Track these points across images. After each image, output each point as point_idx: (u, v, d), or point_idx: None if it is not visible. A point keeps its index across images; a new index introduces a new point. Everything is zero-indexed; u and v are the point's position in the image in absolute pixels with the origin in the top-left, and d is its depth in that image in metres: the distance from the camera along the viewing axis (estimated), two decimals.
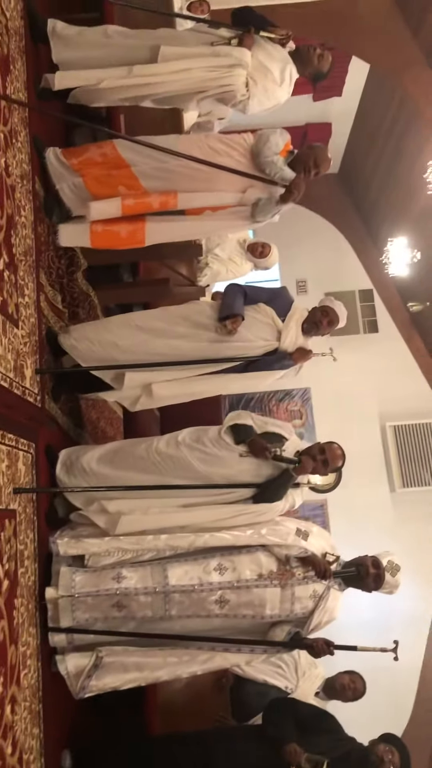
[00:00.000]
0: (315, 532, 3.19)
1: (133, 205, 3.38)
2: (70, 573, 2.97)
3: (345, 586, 3.15)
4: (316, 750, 2.84)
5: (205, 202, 3.45)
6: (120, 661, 2.95)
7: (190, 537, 3.05)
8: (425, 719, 8.08)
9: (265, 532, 3.08)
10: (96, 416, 4.30)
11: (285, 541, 3.06)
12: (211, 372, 3.43)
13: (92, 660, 2.91)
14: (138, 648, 3.00)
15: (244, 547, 3.08)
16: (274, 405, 8.64)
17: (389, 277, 8.48)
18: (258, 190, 3.39)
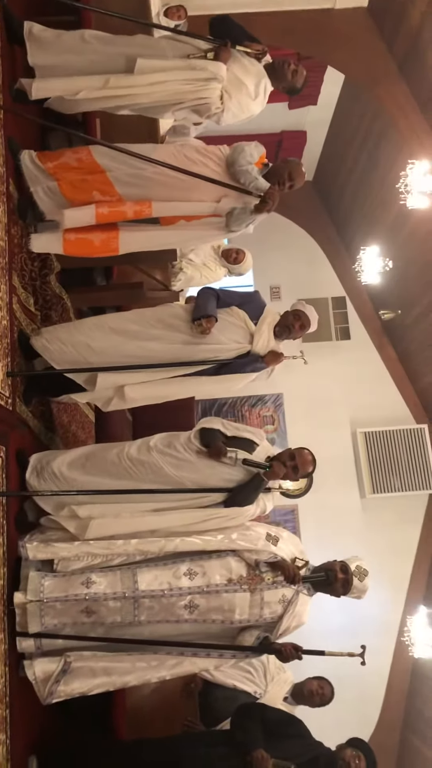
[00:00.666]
0: (285, 537, 3.21)
1: (108, 213, 3.38)
2: (38, 578, 2.95)
3: (314, 590, 3.17)
4: (283, 755, 2.86)
5: (179, 211, 3.47)
6: (88, 667, 2.93)
7: (160, 542, 3.05)
8: (392, 725, 8.15)
9: (235, 536, 3.09)
10: (67, 420, 4.28)
11: (255, 546, 3.07)
12: (184, 374, 3.44)
13: (60, 665, 2.88)
14: (107, 653, 2.99)
15: (215, 551, 3.09)
16: (247, 410, 8.67)
17: (362, 285, 8.57)
18: (232, 199, 3.42)
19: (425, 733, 7.74)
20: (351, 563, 3.16)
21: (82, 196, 3.36)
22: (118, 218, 3.44)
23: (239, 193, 3.40)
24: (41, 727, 3.06)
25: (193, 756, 2.94)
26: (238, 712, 3.16)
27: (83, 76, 3.38)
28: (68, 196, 3.36)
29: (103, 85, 3.36)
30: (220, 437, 3.18)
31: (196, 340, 3.36)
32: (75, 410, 4.46)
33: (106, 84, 3.36)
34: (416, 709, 8.07)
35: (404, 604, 8.24)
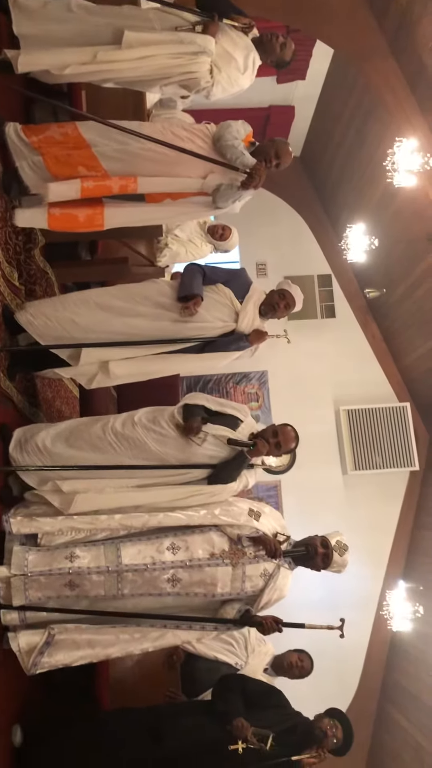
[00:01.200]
0: (267, 512, 3.25)
1: (93, 187, 3.35)
2: (22, 552, 2.97)
3: (295, 565, 3.22)
4: (263, 724, 2.92)
5: (165, 187, 3.44)
6: (72, 639, 2.96)
7: (144, 517, 3.08)
8: (369, 695, 8.34)
9: (218, 512, 3.12)
10: (52, 395, 4.27)
11: (237, 521, 3.11)
12: (168, 351, 3.45)
13: (44, 637, 2.92)
14: (90, 626, 3.02)
15: (198, 526, 3.13)
16: (232, 387, 8.70)
17: (347, 263, 8.57)
18: (219, 175, 3.40)
19: (402, 703, 7.93)
20: (331, 538, 3.21)
21: (68, 170, 3.33)
22: (103, 193, 3.41)
23: (225, 169, 3.38)
24: (25, 698, 3.11)
25: (174, 725, 3.00)
26: (219, 683, 3.22)
27: (69, 48, 3.32)
28: (53, 170, 3.33)
29: (91, 60, 3.31)
30: (201, 413, 3.19)
31: (181, 318, 3.36)
32: (59, 386, 4.46)
33: (94, 59, 3.31)
34: (393, 680, 8.26)
35: (383, 578, 8.38)
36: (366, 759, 8.43)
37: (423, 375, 8.35)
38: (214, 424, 3.19)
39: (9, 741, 2.87)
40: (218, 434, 3.17)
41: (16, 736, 2.91)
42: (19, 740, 2.91)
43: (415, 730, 7.47)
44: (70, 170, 3.33)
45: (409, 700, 7.77)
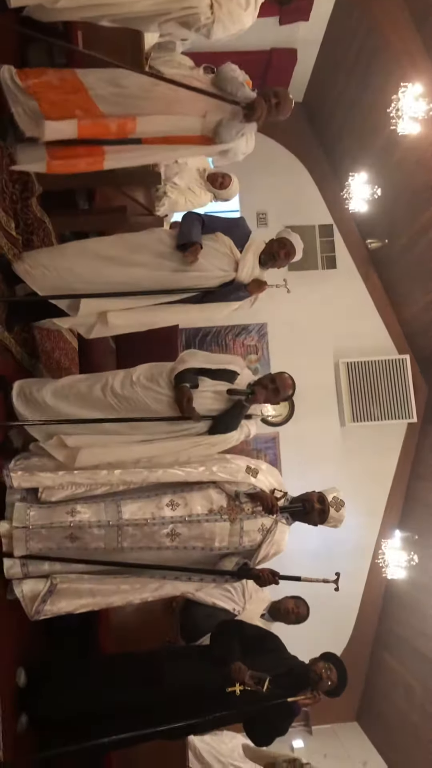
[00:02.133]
0: (264, 469, 3.27)
1: (90, 125, 3.25)
2: (24, 508, 3.00)
3: (292, 520, 3.26)
4: (259, 668, 3.01)
5: (165, 125, 3.35)
6: (74, 588, 3.02)
7: (143, 473, 3.10)
8: (364, 640, 8.57)
9: (216, 469, 3.15)
10: (51, 347, 4.26)
11: (235, 478, 3.14)
12: (167, 302, 3.42)
13: (47, 586, 2.97)
14: (92, 576, 3.07)
15: (196, 483, 3.15)
16: (231, 340, 8.67)
17: (349, 212, 8.44)
18: (219, 111, 3.32)
19: (395, 649, 8.16)
20: (328, 494, 3.24)
21: (64, 114, 3.24)
22: (101, 132, 3.30)
23: (225, 103, 3.30)
24: (29, 643, 3.18)
25: (174, 669, 3.08)
26: (218, 629, 3.30)
27: None
28: (49, 116, 3.24)
29: None
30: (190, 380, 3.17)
31: (181, 267, 3.33)
32: (58, 337, 4.44)
33: None
34: (387, 627, 8.48)
35: (379, 528, 8.52)
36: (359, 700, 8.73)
37: (423, 327, 8.32)
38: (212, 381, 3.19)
39: (13, 682, 2.95)
40: (217, 389, 3.18)
41: (20, 677, 3.00)
42: (23, 682, 3.00)
43: (406, 673, 7.71)
44: (66, 114, 3.24)
45: (401, 644, 8.00)
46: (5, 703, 2.81)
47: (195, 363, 3.24)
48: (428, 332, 8.25)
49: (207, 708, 2.99)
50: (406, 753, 7.33)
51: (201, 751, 4.16)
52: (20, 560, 2.98)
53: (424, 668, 7.23)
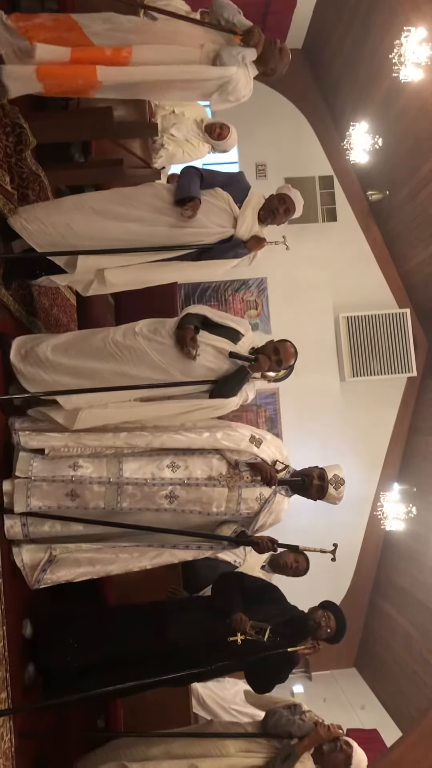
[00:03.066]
0: (268, 439, 3.28)
1: (83, 51, 3.16)
2: (28, 458, 3.03)
3: (291, 492, 3.29)
4: (260, 618, 3.07)
5: (162, 54, 3.26)
6: (73, 557, 3.06)
7: (147, 437, 3.11)
8: (362, 589, 8.75)
9: (220, 436, 3.16)
10: (48, 303, 4.23)
11: (238, 447, 3.15)
12: (165, 259, 3.38)
13: (46, 556, 3.02)
14: (91, 545, 3.11)
15: (199, 449, 3.17)
16: (230, 295, 8.62)
17: (350, 163, 8.30)
18: (216, 42, 3.28)
19: (393, 597, 8.34)
20: (330, 471, 3.26)
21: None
22: (94, 56, 3.21)
23: (223, 32, 3.28)
24: (34, 596, 3.24)
25: (177, 619, 3.15)
26: (219, 580, 3.36)
27: None
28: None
29: None
30: (194, 322, 3.17)
31: (179, 222, 3.28)
32: (56, 294, 4.41)
33: None
34: (385, 576, 8.65)
35: (378, 481, 8.61)
36: (358, 647, 8.96)
37: (424, 280, 8.26)
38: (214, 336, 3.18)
39: (20, 633, 3.02)
40: (219, 346, 3.16)
41: (26, 629, 3.06)
42: (29, 632, 3.07)
43: (404, 621, 7.89)
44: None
45: (399, 593, 8.17)
46: (12, 654, 2.88)
47: (200, 311, 3.23)
48: (429, 285, 8.19)
49: (209, 657, 3.07)
50: (403, 697, 7.56)
51: (204, 697, 4.29)
52: (20, 519, 3.01)
53: (422, 616, 7.41)
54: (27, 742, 2.95)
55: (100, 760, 3.08)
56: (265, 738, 3.13)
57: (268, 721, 3.19)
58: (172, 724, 3.38)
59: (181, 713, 3.85)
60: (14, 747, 2.81)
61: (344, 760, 3.09)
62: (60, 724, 3.42)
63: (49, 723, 3.28)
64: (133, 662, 3.06)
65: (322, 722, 3.14)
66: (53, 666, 3.08)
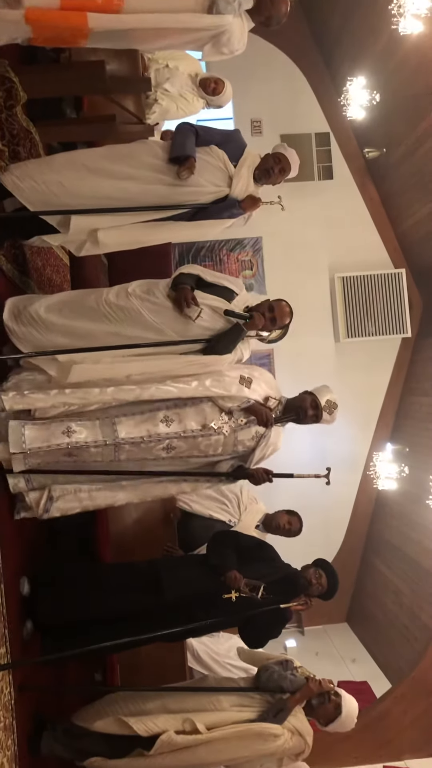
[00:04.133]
0: (257, 376, 3.28)
1: None
2: (19, 428, 2.99)
3: (286, 422, 3.31)
4: (254, 575, 3.13)
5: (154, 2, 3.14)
6: (73, 495, 3.12)
7: (135, 390, 3.09)
8: (354, 546, 8.90)
9: (209, 383, 3.14)
10: (41, 263, 4.19)
11: (229, 392, 3.15)
12: (159, 219, 3.34)
13: (45, 495, 3.06)
14: (90, 486, 3.15)
15: (189, 399, 3.16)
16: (225, 255, 8.54)
17: (347, 120, 8.15)
18: None
19: (384, 554, 8.48)
20: (321, 397, 3.26)
21: None
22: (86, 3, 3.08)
23: None
24: (31, 554, 3.29)
25: (172, 577, 3.20)
26: (214, 539, 3.40)
27: None
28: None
29: None
30: (190, 283, 3.14)
31: (174, 181, 3.22)
32: (49, 254, 4.36)
33: None
34: (377, 534, 8.78)
35: (371, 441, 8.68)
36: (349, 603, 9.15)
37: (420, 240, 8.20)
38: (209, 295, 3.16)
39: (18, 591, 3.07)
40: (213, 305, 3.15)
41: (24, 586, 3.11)
42: (26, 590, 3.12)
43: (395, 577, 8.05)
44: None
45: (390, 550, 8.31)
46: (11, 611, 2.93)
47: (193, 271, 3.21)
48: (425, 245, 8.13)
49: (204, 613, 3.13)
50: (393, 650, 7.75)
51: (199, 652, 4.38)
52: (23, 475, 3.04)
53: (412, 572, 7.55)
54: (26, 696, 3.02)
55: (98, 714, 3.15)
56: (258, 693, 3.21)
57: (260, 677, 3.27)
58: (167, 679, 3.46)
59: (177, 668, 3.95)
60: (14, 700, 2.88)
61: (334, 710, 3.18)
62: (58, 678, 3.51)
63: (48, 677, 3.36)
64: (130, 618, 3.11)
65: (314, 677, 3.22)
66: (51, 622, 3.14)
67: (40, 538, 3.32)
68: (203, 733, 3.01)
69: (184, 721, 3.05)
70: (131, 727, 3.01)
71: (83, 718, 3.17)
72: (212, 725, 3.06)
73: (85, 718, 3.16)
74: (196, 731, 3.02)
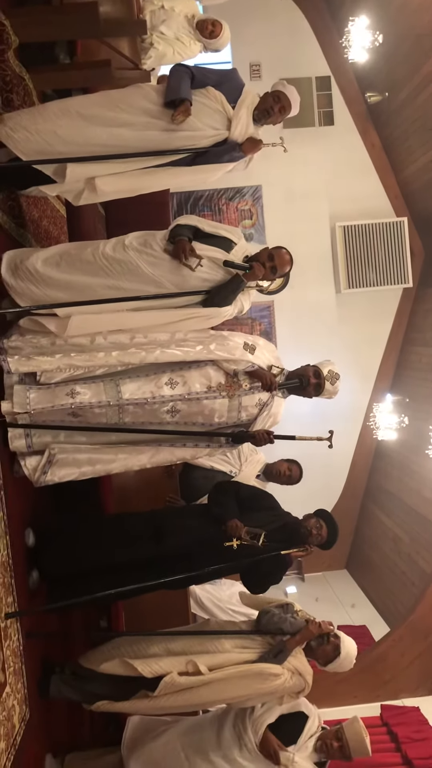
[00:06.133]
0: (261, 345, 3.27)
1: None
2: (24, 391, 3.00)
3: (288, 393, 3.31)
4: (255, 524, 3.18)
5: None
6: (72, 458, 3.10)
7: (141, 353, 3.08)
8: (354, 495, 9.02)
9: (213, 347, 3.14)
10: (38, 215, 4.13)
11: (233, 356, 3.14)
12: (157, 165, 3.28)
13: (45, 456, 3.06)
14: (90, 446, 3.15)
15: (194, 362, 3.16)
16: (224, 204, 8.40)
17: (348, 63, 7.92)
18: None
19: (383, 502, 8.60)
20: (324, 368, 3.26)
21: None
22: None
23: None
24: (35, 505, 3.34)
25: (174, 526, 3.26)
26: (215, 489, 3.44)
27: None
28: None
29: None
30: (188, 234, 3.10)
31: (171, 126, 3.16)
32: (45, 205, 4.30)
33: None
34: (376, 483, 8.89)
35: (371, 392, 8.70)
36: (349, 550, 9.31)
37: (422, 188, 8.06)
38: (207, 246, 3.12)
39: (23, 542, 3.12)
40: (212, 256, 3.11)
41: (29, 538, 3.17)
42: (31, 541, 3.17)
43: (394, 525, 8.18)
44: None
45: (389, 499, 8.43)
46: (17, 561, 2.98)
47: (190, 222, 3.16)
48: (427, 193, 8.00)
49: (206, 561, 3.18)
50: (391, 595, 7.93)
51: (201, 598, 4.49)
52: (24, 431, 3.04)
53: (410, 520, 7.66)
54: (34, 642, 3.10)
55: (104, 657, 3.25)
56: (259, 635, 3.29)
57: (261, 620, 3.35)
58: (171, 625, 3.54)
59: (180, 614, 4.05)
60: (22, 646, 2.97)
61: (333, 651, 3.28)
62: (64, 625, 3.60)
63: (54, 624, 3.45)
64: (133, 567, 3.17)
65: (314, 619, 3.30)
66: (56, 572, 3.20)
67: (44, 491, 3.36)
68: (205, 674, 3.11)
69: (187, 663, 3.14)
70: (136, 669, 3.11)
71: (90, 661, 3.27)
72: (214, 666, 3.16)
73: (91, 661, 3.26)
74: (199, 672, 3.11)
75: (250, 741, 3.15)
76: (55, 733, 3.37)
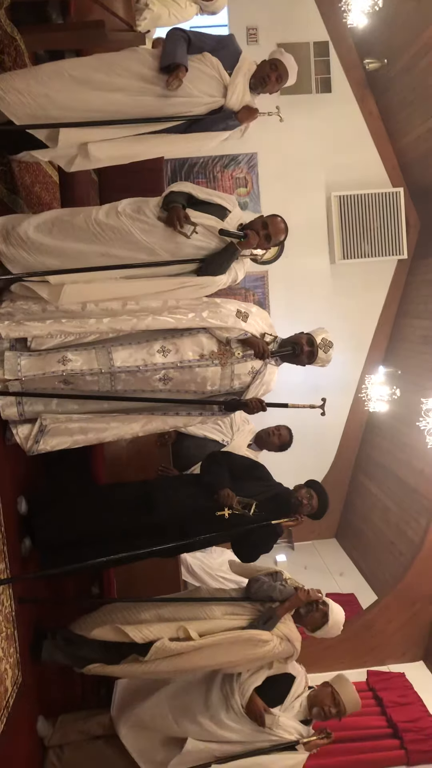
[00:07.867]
0: (254, 312, 3.26)
1: None
2: (14, 357, 2.98)
3: (281, 361, 3.31)
4: (246, 494, 3.20)
5: None
6: (64, 427, 3.09)
7: (132, 320, 3.06)
8: (344, 466, 9.08)
9: (206, 315, 3.12)
10: (30, 181, 4.07)
11: (225, 324, 3.12)
12: (151, 132, 3.23)
13: (37, 426, 3.05)
14: (82, 415, 3.14)
15: (186, 329, 3.14)
16: (219, 172, 8.30)
17: (347, 28, 7.76)
18: None
19: (373, 473, 8.67)
20: (317, 336, 3.26)
21: None
22: None
23: None
24: (28, 474, 3.35)
25: (167, 495, 3.28)
26: (207, 458, 3.46)
27: None
28: None
29: None
30: (181, 201, 3.06)
31: (166, 92, 3.10)
32: (38, 170, 4.24)
33: None
34: (366, 454, 8.95)
35: (364, 363, 8.71)
36: (338, 520, 9.42)
37: (419, 158, 7.97)
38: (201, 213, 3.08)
39: (15, 510, 3.14)
40: (206, 223, 3.08)
41: (21, 505, 3.18)
42: (24, 509, 3.19)
43: (383, 496, 8.25)
44: None
45: (379, 470, 8.49)
46: (9, 529, 3.00)
47: (184, 189, 3.12)
48: (424, 163, 7.91)
49: (198, 530, 3.21)
50: (379, 565, 8.03)
51: (193, 566, 4.54)
52: (15, 399, 3.02)
53: (400, 491, 7.74)
54: (26, 607, 3.14)
55: (95, 623, 3.29)
56: (249, 602, 3.34)
57: (251, 587, 3.39)
58: (162, 591, 3.59)
59: (171, 581, 4.09)
60: (14, 612, 3.00)
61: (321, 618, 3.33)
62: (56, 591, 3.64)
63: (47, 590, 3.48)
64: (125, 535, 3.20)
65: (302, 587, 3.35)
66: (48, 540, 3.23)
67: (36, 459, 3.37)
68: (196, 640, 3.16)
69: (177, 629, 3.19)
70: (128, 635, 3.15)
71: (81, 627, 3.31)
72: (205, 633, 3.20)
73: (83, 627, 3.30)
74: (190, 638, 3.16)
75: (236, 703, 3.22)
76: (47, 695, 3.43)
